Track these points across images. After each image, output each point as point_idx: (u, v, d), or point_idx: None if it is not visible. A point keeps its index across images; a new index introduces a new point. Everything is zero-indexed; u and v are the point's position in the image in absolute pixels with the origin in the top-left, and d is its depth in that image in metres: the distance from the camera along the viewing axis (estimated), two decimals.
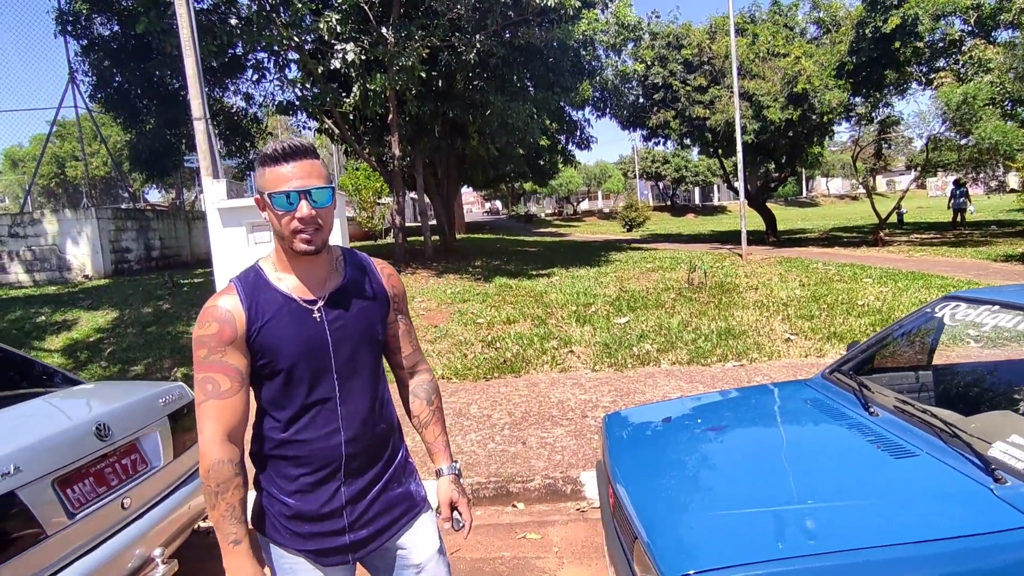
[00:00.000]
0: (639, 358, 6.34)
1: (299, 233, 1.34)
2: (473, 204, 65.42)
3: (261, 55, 12.20)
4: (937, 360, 2.80)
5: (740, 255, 13.74)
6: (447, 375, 6.29)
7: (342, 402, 1.43)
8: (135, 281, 11.55)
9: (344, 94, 11.11)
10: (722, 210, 48.82)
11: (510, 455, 4.24)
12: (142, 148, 14.23)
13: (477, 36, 10.74)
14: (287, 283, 1.42)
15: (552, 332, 7.42)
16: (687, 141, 21.62)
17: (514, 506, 3.78)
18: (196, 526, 2.99)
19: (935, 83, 15.55)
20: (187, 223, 16.76)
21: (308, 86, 11.26)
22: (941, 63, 16.28)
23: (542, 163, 26.33)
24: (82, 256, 12.75)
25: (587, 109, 19.19)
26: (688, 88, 18.95)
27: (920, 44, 15.24)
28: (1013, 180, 16.10)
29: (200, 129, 6.80)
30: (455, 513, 1.62)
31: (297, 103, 12.39)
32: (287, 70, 12.60)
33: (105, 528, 2.29)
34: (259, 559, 1.39)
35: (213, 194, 6.41)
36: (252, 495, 1.45)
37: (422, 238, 15.14)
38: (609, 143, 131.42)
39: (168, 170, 18.21)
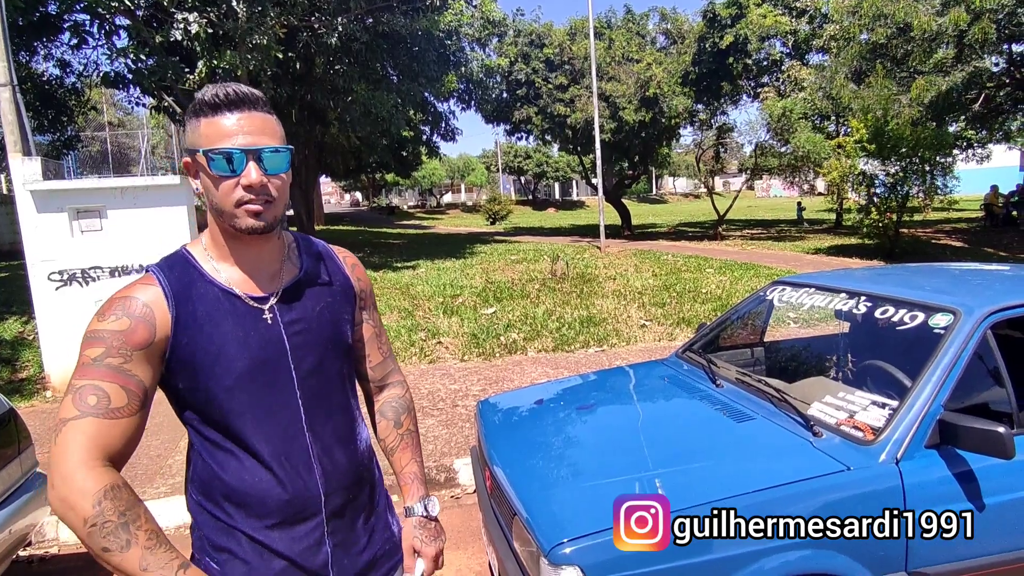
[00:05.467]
0: (507, 347, 6.50)
1: (244, 204, 1.04)
2: (332, 195, 62.35)
3: (81, 17, 10.69)
4: (769, 337, 3.18)
5: (599, 247, 14.59)
6: None
7: (310, 427, 1.13)
8: None
9: (187, 69, 10.09)
10: (581, 205, 51.41)
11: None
12: None
13: (339, 19, 10.29)
14: (227, 276, 1.11)
15: (420, 324, 7.37)
16: (548, 137, 22.50)
17: None
18: (16, 556, 2.59)
19: (761, 96, 17.63)
20: None
21: (143, 57, 10.07)
22: (766, 79, 18.49)
23: (405, 154, 25.96)
24: None
25: (452, 101, 19.28)
26: (550, 86, 19.70)
27: (749, 61, 17.21)
28: (821, 185, 18.72)
29: (5, 98, 5.86)
30: (418, 561, 1.28)
31: (129, 76, 11.00)
32: (115, 37, 11.15)
33: None
34: None
35: (24, 174, 5.54)
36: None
37: None
38: (473, 136, 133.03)
39: None
